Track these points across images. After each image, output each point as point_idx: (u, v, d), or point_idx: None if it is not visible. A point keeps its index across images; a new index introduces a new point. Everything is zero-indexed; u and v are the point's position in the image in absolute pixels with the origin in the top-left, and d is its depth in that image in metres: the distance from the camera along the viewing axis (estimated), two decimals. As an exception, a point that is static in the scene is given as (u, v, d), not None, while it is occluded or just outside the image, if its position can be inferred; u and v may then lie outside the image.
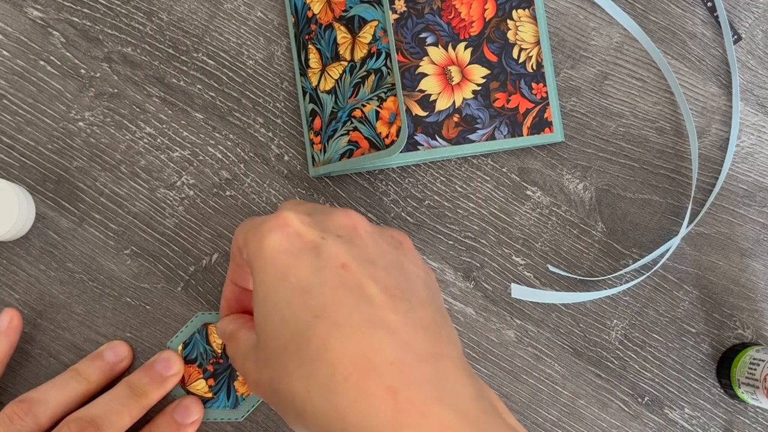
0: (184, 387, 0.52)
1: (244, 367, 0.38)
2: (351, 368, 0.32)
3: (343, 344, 0.32)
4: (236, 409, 0.52)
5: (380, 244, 0.38)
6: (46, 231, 0.53)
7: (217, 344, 0.52)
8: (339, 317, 0.33)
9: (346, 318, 0.33)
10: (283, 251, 0.35)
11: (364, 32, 0.51)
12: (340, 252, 0.35)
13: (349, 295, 0.34)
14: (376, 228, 0.39)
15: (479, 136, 0.53)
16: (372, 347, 0.32)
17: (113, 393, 0.48)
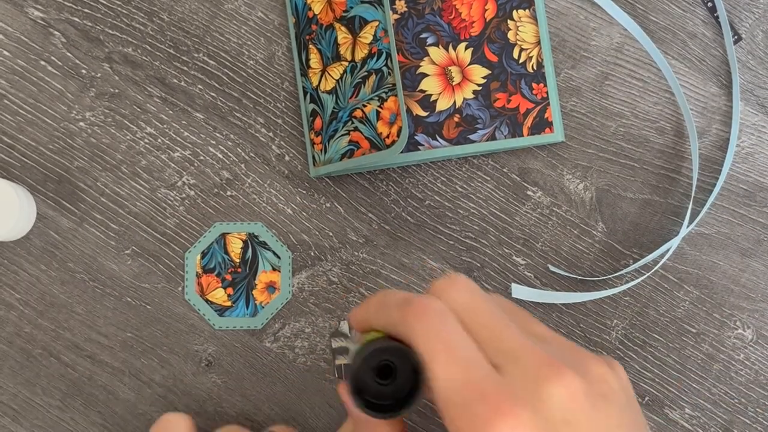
0: (203, 296, 0.52)
1: None
2: None
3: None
4: (255, 317, 0.52)
5: (604, 409, 0.31)
6: (47, 231, 0.53)
7: (235, 253, 0.52)
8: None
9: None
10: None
11: (364, 32, 0.51)
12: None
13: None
14: (594, 389, 0.31)
15: (480, 136, 0.53)
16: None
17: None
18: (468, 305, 0.33)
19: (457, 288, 0.33)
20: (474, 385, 0.30)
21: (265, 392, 0.53)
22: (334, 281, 0.54)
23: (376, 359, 0.33)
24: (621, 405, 0.31)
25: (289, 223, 0.54)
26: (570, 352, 0.33)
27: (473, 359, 0.31)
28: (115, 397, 0.53)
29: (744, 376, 0.54)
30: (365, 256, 0.54)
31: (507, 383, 0.30)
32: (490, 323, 0.32)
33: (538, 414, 0.29)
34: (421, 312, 0.32)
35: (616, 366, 0.33)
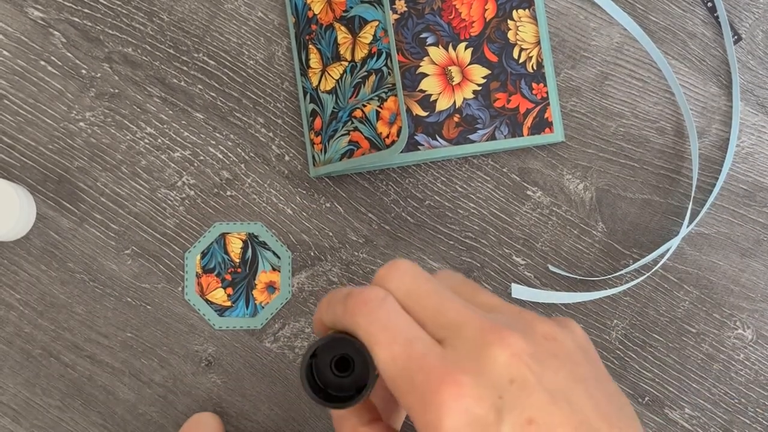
0: (203, 296, 0.52)
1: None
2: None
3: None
4: (255, 317, 0.52)
5: (553, 366, 0.31)
6: (46, 231, 0.53)
7: (234, 253, 0.52)
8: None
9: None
10: (466, 427, 0.30)
11: (364, 32, 0.51)
12: (524, 407, 0.30)
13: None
14: (536, 340, 0.32)
15: (480, 136, 0.53)
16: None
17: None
18: (409, 288, 0.33)
19: (399, 273, 0.34)
20: (416, 361, 0.31)
21: (265, 392, 0.53)
22: (334, 281, 0.54)
23: (328, 354, 0.34)
24: (575, 360, 0.32)
25: (289, 223, 0.54)
26: (516, 316, 0.33)
27: (414, 337, 0.31)
28: (115, 397, 0.53)
29: (744, 376, 0.54)
30: (365, 256, 0.54)
31: (450, 353, 0.31)
32: (432, 301, 0.33)
33: (482, 378, 0.30)
34: (360, 302, 0.33)
35: (570, 324, 0.33)
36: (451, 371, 0.30)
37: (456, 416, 0.29)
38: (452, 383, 0.30)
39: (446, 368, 0.30)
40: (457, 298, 0.33)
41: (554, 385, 0.30)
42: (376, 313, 0.32)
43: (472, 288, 0.35)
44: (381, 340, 0.31)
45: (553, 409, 0.29)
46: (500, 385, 0.30)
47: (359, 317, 0.32)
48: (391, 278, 0.34)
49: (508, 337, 0.30)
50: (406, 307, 0.33)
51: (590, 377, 0.31)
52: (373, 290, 0.33)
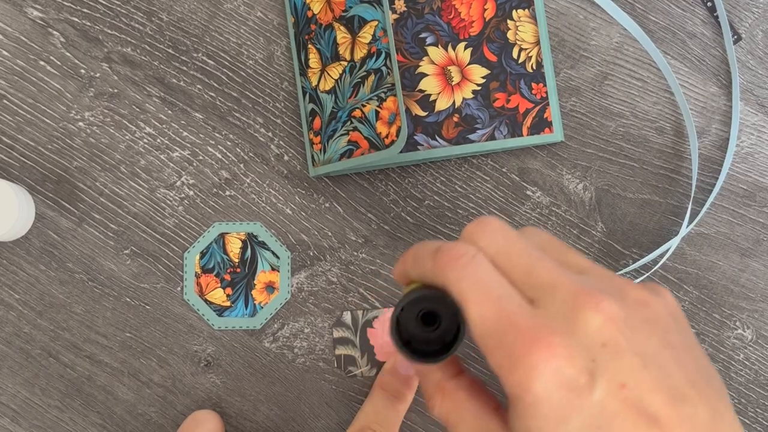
0: (202, 296, 0.52)
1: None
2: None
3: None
4: (254, 317, 0.52)
5: (645, 331, 0.31)
6: (46, 231, 0.53)
7: (234, 253, 0.52)
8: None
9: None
10: (557, 388, 0.30)
11: (363, 32, 0.51)
12: (616, 371, 0.30)
13: (636, 424, 0.29)
14: (629, 302, 0.32)
15: (479, 136, 0.53)
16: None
17: (374, 402, 0.51)
18: (500, 246, 0.33)
19: (489, 230, 0.33)
20: (508, 320, 0.30)
21: (264, 392, 0.53)
22: (333, 281, 0.54)
23: (415, 307, 0.34)
24: (666, 327, 0.31)
25: (288, 223, 0.54)
26: (609, 280, 0.32)
27: (506, 295, 0.31)
28: (114, 397, 0.53)
29: (744, 376, 0.54)
30: (364, 256, 0.54)
31: (542, 314, 0.30)
32: (523, 260, 0.32)
33: (574, 341, 0.29)
34: (451, 258, 0.32)
35: (661, 290, 0.33)
36: (543, 332, 0.30)
37: (547, 377, 0.29)
38: (544, 344, 0.29)
39: (538, 328, 0.30)
40: (548, 259, 0.32)
41: (646, 350, 0.30)
42: (467, 269, 0.32)
43: (560, 247, 0.35)
44: (471, 297, 0.31)
45: (644, 374, 0.29)
46: (593, 349, 0.30)
47: (450, 272, 0.32)
48: (481, 235, 0.33)
49: (602, 301, 0.30)
50: (496, 265, 0.32)
51: (680, 345, 0.31)
52: (464, 246, 0.33)
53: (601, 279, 0.33)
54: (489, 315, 0.31)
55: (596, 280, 0.32)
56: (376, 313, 0.53)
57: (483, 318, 0.31)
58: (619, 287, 0.32)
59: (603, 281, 0.32)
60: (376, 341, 0.53)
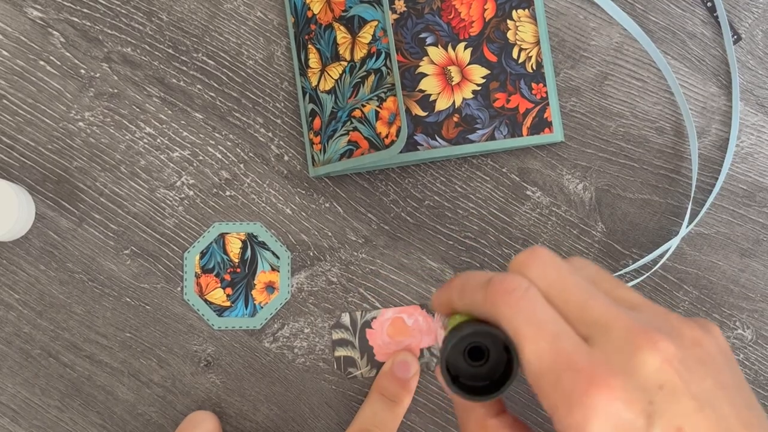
0: (202, 296, 0.52)
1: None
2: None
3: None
4: (254, 318, 0.52)
5: (700, 372, 0.30)
6: (46, 231, 0.53)
7: (234, 253, 0.52)
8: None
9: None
10: (615, 431, 0.29)
11: (363, 32, 0.51)
12: (674, 414, 0.29)
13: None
14: (685, 343, 0.31)
15: (479, 136, 0.53)
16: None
17: (372, 404, 0.51)
18: (552, 280, 0.32)
19: (539, 263, 0.32)
20: (565, 359, 0.30)
21: (264, 392, 0.53)
22: (333, 281, 0.54)
23: (466, 343, 0.33)
24: (719, 368, 0.31)
25: (288, 223, 0.54)
26: (661, 317, 0.32)
27: (562, 333, 0.30)
28: (114, 397, 0.53)
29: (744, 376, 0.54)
30: (364, 257, 0.54)
31: (598, 354, 0.30)
32: (576, 295, 0.31)
33: (632, 382, 0.29)
34: (504, 291, 0.31)
35: (712, 328, 0.33)
36: (600, 373, 0.29)
37: (604, 419, 0.28)
38: (603, 385, 0.29)
39: (596, 369, 0.29)
40: (601, 294, 0.32)
41: (701, 392, 0.29)
42: (520, 304, 0.31)
43: (611, 281, 0.34)
44: (527, 334, 0.30)
45: (700, 418, 0.29)
46: (650, 390, 0.29)
47: (503, 307, 0.31)
48: (532, 267, 0.32)
49: (660, 341, 0.30)
50: (548, 299, 0.32)
51: (732, 385, 0.31)
52: (517, 279, 0.32)
53: (655, 316, 0.32)
54: (545, 354, 0.30)
55: (650, 317, 0.32)
56: (374, 314, 0.53)
57: (539, 356, 0.30)
58: (674, 325, 0.31)
59: (657, 318, 0.32)
60: (375, 342, 0.53)
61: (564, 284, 0.32)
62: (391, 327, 0.53)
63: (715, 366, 0.31)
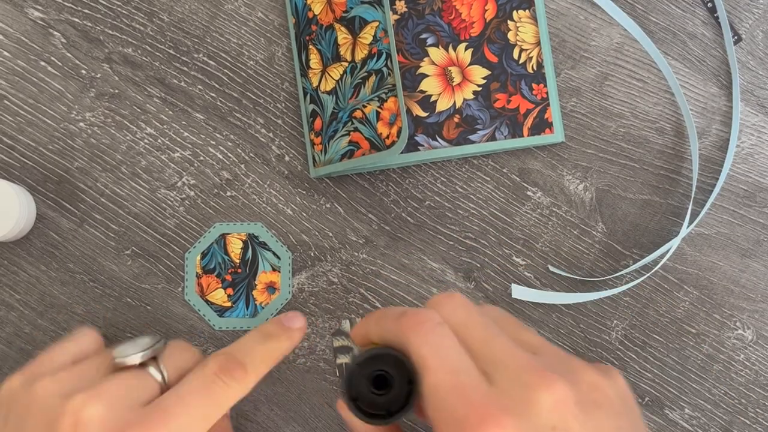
0: (203, 297, 0.52)
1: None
2: None
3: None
4: (255, 318, 0.53)
5: (596, 416, 0.30)
6: (46, 231, 0.53)
7: (235, 254, 0.52)
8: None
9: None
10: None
11: (364, 33, 0.51)
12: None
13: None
14: (585, 391, 0.31)
15: (480, 137, 0.53)
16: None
17: (245, 338, 0.46)
18: (461, 318, 0.33)
19: (453, 303, 0.34)
20: (462, 393, 0.30)
21: (265, 392, 0.53)
22: (334, 282, 0.54)
23: (371, 366, 0.34)
24: (616, 412, 0.31)
25: (289, 223, 0.54)
26: (561, 360, 0.33)
27: (464, 368, 0.31)
28: (115, 397, 0.53)
29: (744, 376, 0.54)
30: (365, 257, 0.54)
31: (495, 391, 0.30)
32: (481, 334, 0.33)
33: (524, 421, 0.29)
34: (417, 322, 0.33)
35: (612, 373, 0.33)
36: (494, 410, 0.29)
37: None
38: (494, 423, 0.29)
39: (490, 406, 0.30)
40: (504, 335, 0.33)
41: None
42: (429, 336, 0.32)
43: (515, 325, 0.35)
44: (431, 364, 0.31)
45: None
46: (542, 431, 0.29)
47: (413, 336, 0.32)
48: (445, 306, 0.34)
49: (555, 382, 0.30)
50: (456, 335, 0.33)
51: (630, 429, 0.31)
52: (430, 312, 0.33)
53: (555, 359, 0.33)
54: (445, 385, 0.31)
55: (549, 359, 0.32)
56: (376, 314, 0.53)
57: (438, 387, 0.31)
58: (573, 369, 0.32)
59: (556, 361, 0.32)
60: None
61: (471, 323, 0.33)
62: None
63: (613, 410, 0.31)
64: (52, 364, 0.41)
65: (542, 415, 0.29)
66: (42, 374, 0.39)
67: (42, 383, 0.38)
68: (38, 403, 0.37)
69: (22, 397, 0.38)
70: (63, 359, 0.42)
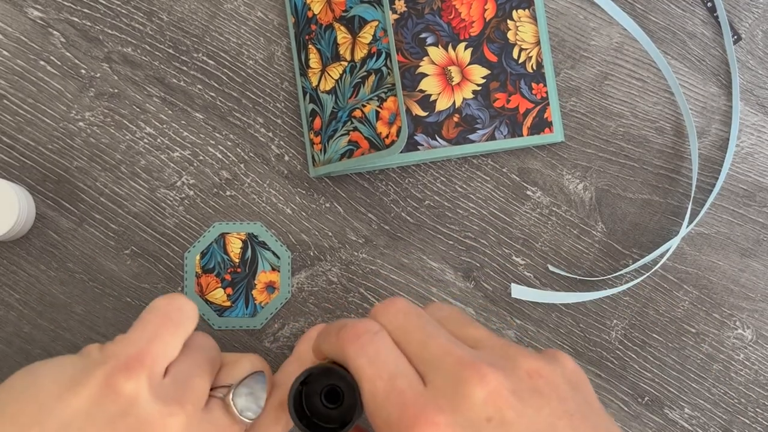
0: (202, 296, 0.52)
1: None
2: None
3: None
4: (254, 317, 0.53)
5: (535, 403, 0.30)
6: (46, 231, 0.53)
7: (234, 253, 0.52)
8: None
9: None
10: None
11: (364, 32, 0.51)
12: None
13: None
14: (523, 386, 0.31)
15: (479, 136, 0.53)
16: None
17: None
18: (399, 323, 0.33)
19: (393, 310, 0.34)
20: (396, 397, 0.30)
21: (265, 392, 0.53)
22: (333, 281, 0.54)
23: (319, 383, 0.35)
24: (560, 396, 0.31)
25: (289, 223, 0.54)
26: (501, 351, 0.32)
27: (399, 373, 0.31)
28: (115, 397, 0.53)
29: (744, 376, 0.54)
30: (365, 256, 0.54)
31: (430, 391, 0.30)
32: (418, 336, 0.33)
33: (458, 416, 0.29)
34: (353, 334, 0.33)
35: (560, 357, 0.33)
36: (428, 410, 0.29)
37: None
38: (426, 422, 0.29)
39: (422, 406, 0.30)
40: (442, 333, 0.33)
41: (536, 423, 0.29)
42: (366, 347, 0.32)
43: (460, 320, 0.35)
44: (366, 374, 0.32)
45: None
46: (477, 424, 0.29)
47: (349, 349, 0.33)
48: (384, 313, 0.34)
49: (487, 374, 0.30)
50: (396, 341, 0.33)
51: (578, 412, 0.31)
52: (367, 323, 0.33)
53: (494, 350, 0.32)
54: (380, 391, 0.31)
55: (487, 352, 0.32)
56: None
57: (374, 394, 0.31)
58: (511, 358, 0.32)
59: (494, 353, 0.32)
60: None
61: (410, 326, 0.33)
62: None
63: (556, 394, 0.31)
64: (165, 356, 0.37)
65: (476, 408, 0.29)
66: (151, 374, 0.36)
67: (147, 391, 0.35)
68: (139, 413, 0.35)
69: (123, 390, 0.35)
70: (173, 352, 0.38)
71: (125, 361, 0.36)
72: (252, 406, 0.39)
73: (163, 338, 0.38)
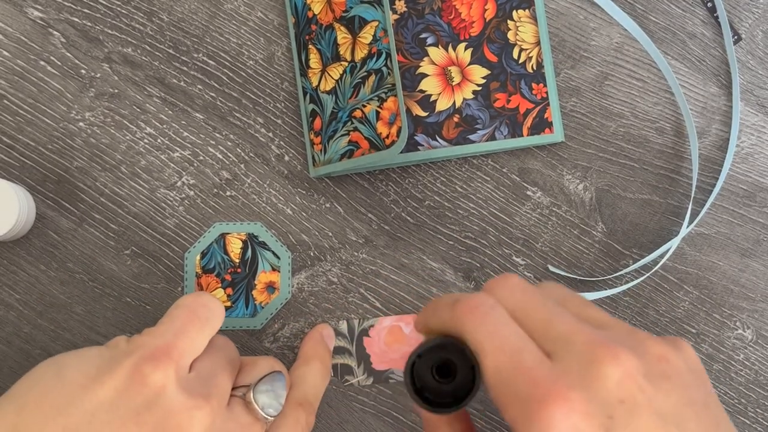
0: None
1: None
2: None
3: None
4: (255, 318, 0.53)
5: (665, 388, 0.30)
6: (46, 231, 0.53)
7: (234, 253, 0.52)
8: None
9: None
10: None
11: (364, 32, 0.51)
12: (634, 430, 0.29)
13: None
14: (651, 366, 0.31)
15: (479, 137, 0.53)
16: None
17: (314, 374, 0.47)
18: (518, 299, 0.33)
19: (508, 285, 0.33)
20: (524, 372, 0.30)
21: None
22: (333, 281, 0.54)
23: (431, 357, 0.34)
24: (685, 384, 0.31)
25: (289, 223, 0.54)
26: (628, 333, 0.32)
27: (523, 348, 0.31)
28: (115, 397, 0.53)
29: (744, 376, 0.54)
30: (365, 257, 0.54)
31: (559, 368, 0.30)
32: (541, 314, 0.32)
33: (591, 396, 0.29)
34: (470, 307, 0.32)
35: (682, 345, 0.32)
36: (560, 386, 0.29)
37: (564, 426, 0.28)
38: (561, 398, 0.28)
39: (555, 382, 0.29)
40: (566, 312, 0.32)
41: (665, 408, 0.29)
42: (484, 320, 0.32)
43: (579, 302, 0.34)
44: (488, 348, 0.31)
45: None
46: (610, 404, 0.29)
47: (468, 322, 0.32)
48: (500, 288, 0.33)
49: (621, 354, 0.29)
50: (514, 317, 0.32)
51: (700, 402, 0.30)
52: (483, 296, 0.33)
53: (621, 332, 0.32)
54: (505, 366, 0.30)
55: (615, 333, 0.32)
56: (372, 322, 0.53)
57: (499, 369, 0.30)
58: (640, 341, 0.31)
59: (622, 334, 0.32)
60: (372, 350, 0.53)
61: (530, 303, 0.33)
62: (388, 335, 0.53)
63: (682, 382, 0.31)
64: (191, 351, 0.38)
65: (609, 389, 0.29)
66: (178, 367, 0.36)
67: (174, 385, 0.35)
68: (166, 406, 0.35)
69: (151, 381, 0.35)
70: (199, 347, 0.38)
71: (153, 352, 0.36)
72: (273, 403, 0.39)
73: (190, 333, 0.38)
